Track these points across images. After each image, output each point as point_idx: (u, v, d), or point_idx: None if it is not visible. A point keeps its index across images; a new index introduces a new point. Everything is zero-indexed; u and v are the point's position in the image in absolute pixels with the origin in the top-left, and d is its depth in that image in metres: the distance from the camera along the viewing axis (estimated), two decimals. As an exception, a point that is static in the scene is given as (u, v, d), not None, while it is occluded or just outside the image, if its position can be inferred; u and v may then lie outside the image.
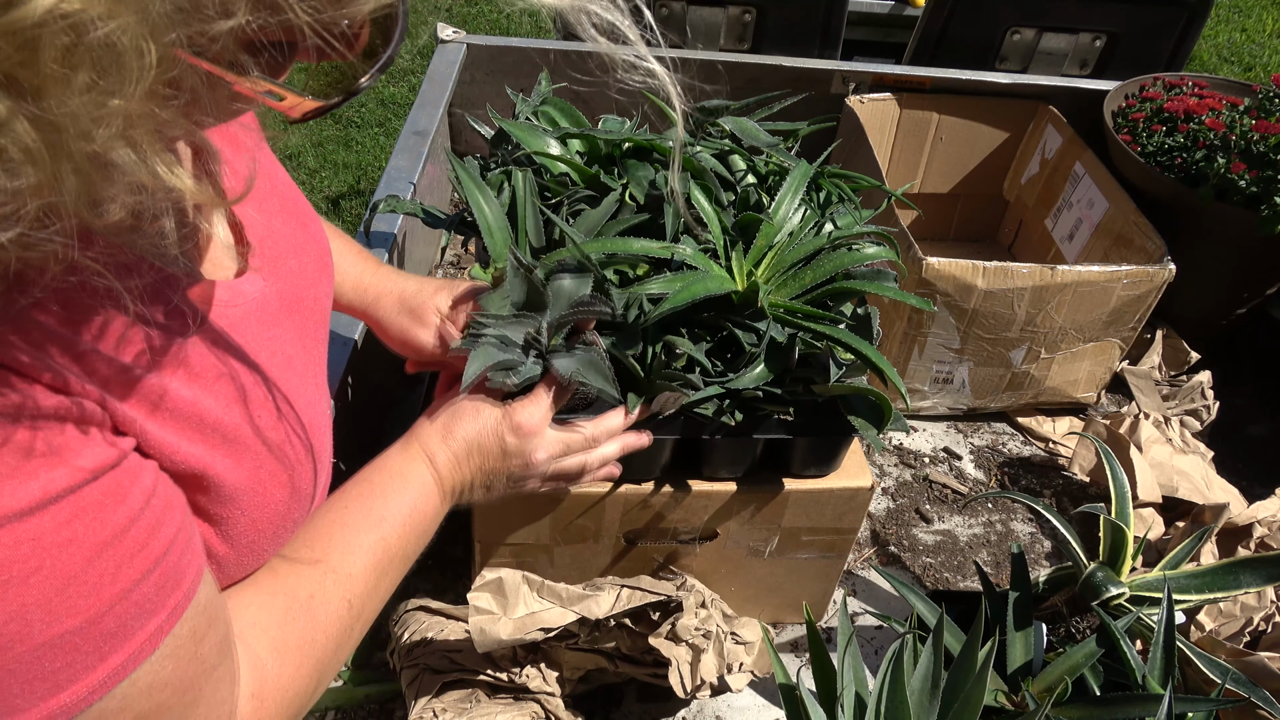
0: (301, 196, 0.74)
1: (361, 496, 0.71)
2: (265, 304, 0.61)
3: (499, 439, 0.75)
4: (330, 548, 0.66)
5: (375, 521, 0.69)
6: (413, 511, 0.71)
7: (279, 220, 0.67)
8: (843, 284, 0.91)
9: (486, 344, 0.75)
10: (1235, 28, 4.23)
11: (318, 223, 0.75)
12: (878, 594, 1.17)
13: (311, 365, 0.67)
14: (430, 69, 1.50)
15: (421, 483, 0.73)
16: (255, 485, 0.57)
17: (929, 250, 1.21)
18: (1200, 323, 1.50)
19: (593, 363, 0.78)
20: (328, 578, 0.65)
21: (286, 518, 0.61)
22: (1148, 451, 1.28)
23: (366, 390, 1.16)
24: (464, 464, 0.75)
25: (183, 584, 0.49)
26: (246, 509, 0.57)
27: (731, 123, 1.08)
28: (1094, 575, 0.93)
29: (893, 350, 1.31)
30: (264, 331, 0.60)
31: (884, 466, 1.35)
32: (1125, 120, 1.47)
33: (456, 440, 0.74)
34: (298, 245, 0.68)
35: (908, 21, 2.25)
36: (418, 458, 0.74)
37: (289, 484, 0.60)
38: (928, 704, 0.79)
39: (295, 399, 0.62)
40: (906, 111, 1.60)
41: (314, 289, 0.70)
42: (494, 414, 0.75)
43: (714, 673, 0.91)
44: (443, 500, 0.74)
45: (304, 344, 0.66)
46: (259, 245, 0.63)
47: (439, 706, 0.91)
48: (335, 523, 0.68)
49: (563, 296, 0.80)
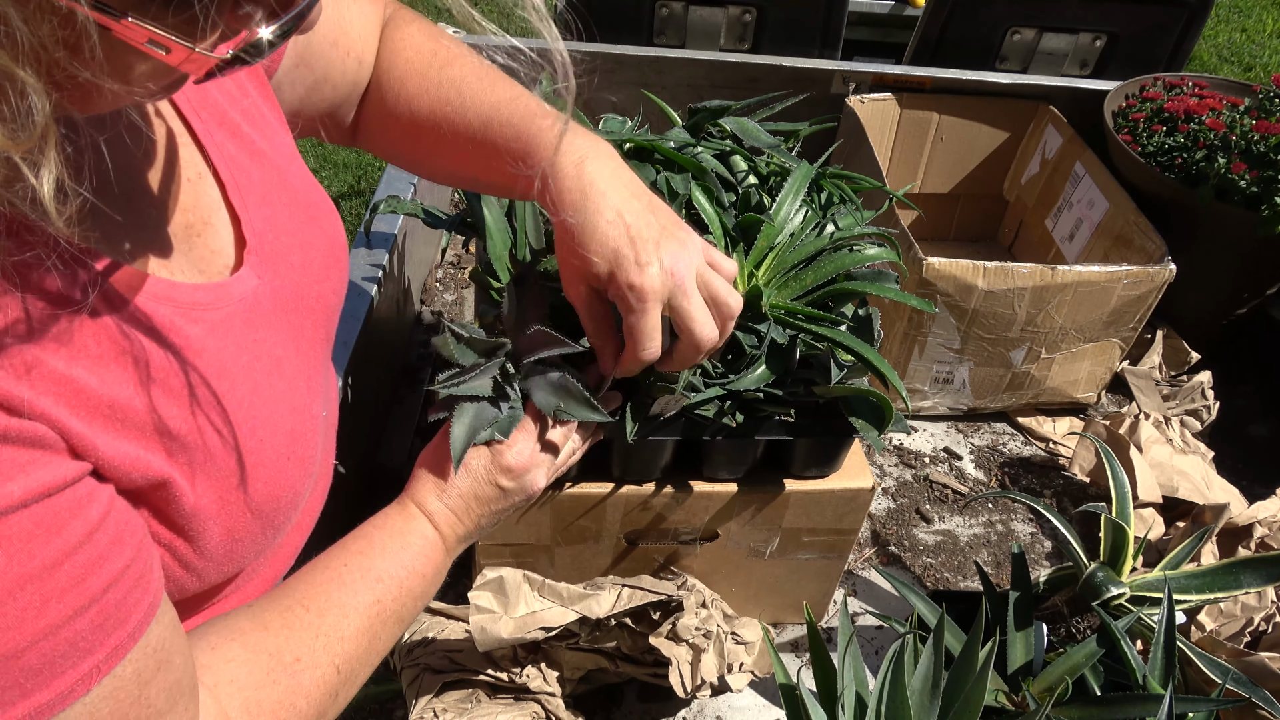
0: (318, 191, 0.72)
1: (361, 553, 0.68)
2: (256, 304, 0.60)
3: (495, 485, 0.73)
4: (326, 607, 0.64)
5: (372, 581, 0.67)
6: (411, 572, 0.69)
7: (285, 214, 0.66)
8: (844, 285, 0.91)
9: (460, 413, 0.72)
10: (1235, 28, 4.23)
11: (331, 218, 0.74)
12: (878, 594, 1.17)
13: (305, 366, 0.66)
14: (430, 69, 1.50)
15: (423, 541, 0.71)
16: (223, 495, 0.55)
17: (929, 250, 1.21)
18: (1200, 323, 1.50)
19: (566, 389, 0.75)
20: (318, 640, 0.62)
21: (268, 525, 0.60)
22: (1148, 451, 1.28)
23: (366, 390, 1.16)
24: (465, 517, 0.73)
25: (128, 623, 0.47)
26: (218, 519, 0.55)
27: (732, 123, 1.08)
28: (1094, 575, 0.93)
29: (893, 350, 1.31)
30: (250, 334, 0.59)
31: (884, 467, 1.35)
32: (1125, 120, 1.47)
33: (453, 497, 0.72)
34: (304, 241, 0.67)
35: (908, 21, 2.25)
36: (416, 516, 0.71)
37: (264, 493, 0.59)
38: (928, 704, 0.79)
39: (278, 405, 0.60)
40: (907, 111, 1.60)
41: (318, 285, 0.69)
42: (484, 463, 0.73)
43: (714, 672, 0.92)
44: (447, 554, 0.73)
45: (298, 344, 0.65)
46: (258, 241, 0.62)
47: (439, 706, 0.91)
48: (332, 580, 0.66)
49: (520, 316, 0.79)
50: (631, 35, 1.86)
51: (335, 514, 1.06)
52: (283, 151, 0.68)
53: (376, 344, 1.17)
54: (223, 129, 0.62)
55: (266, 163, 0.65)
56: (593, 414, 0.75)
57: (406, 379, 1.38)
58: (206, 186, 0.60)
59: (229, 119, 0.63)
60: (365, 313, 1.10)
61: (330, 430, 0.79)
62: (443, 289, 1.56)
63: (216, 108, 0.62)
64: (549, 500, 0.92)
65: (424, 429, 1.31)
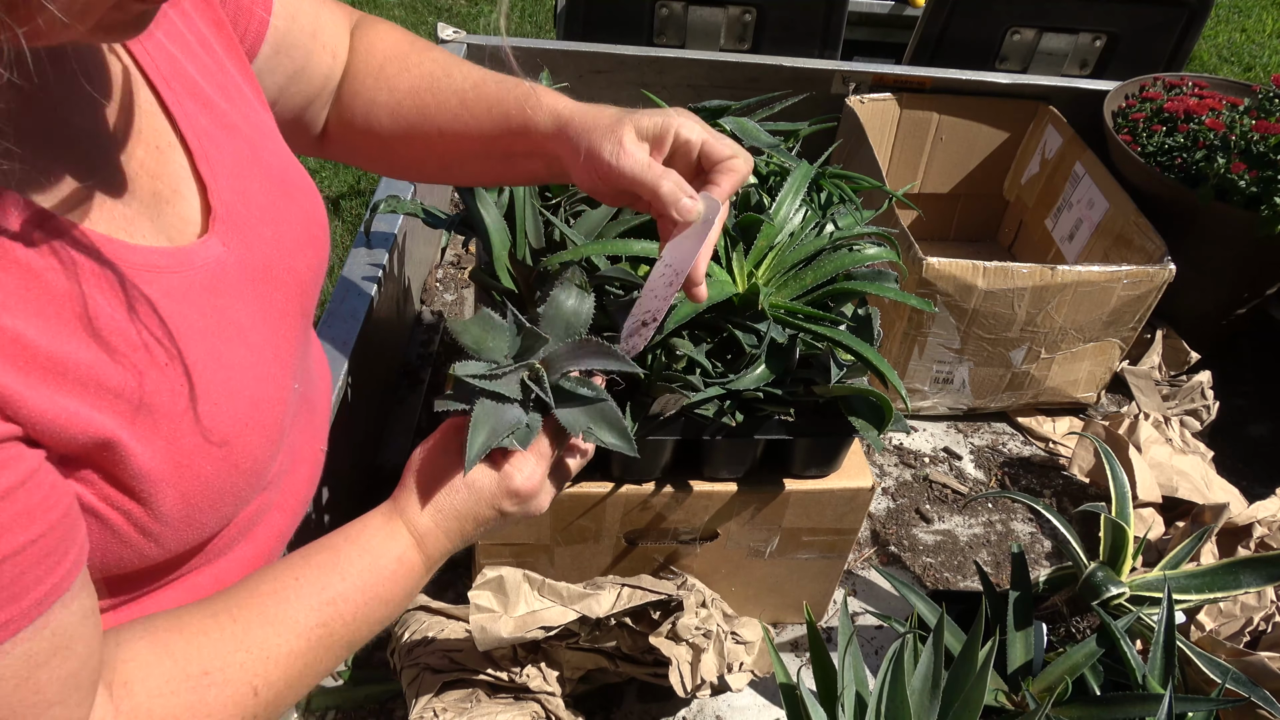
0: (296, 168, 0.71)
1: (320, 568, 0.62)
2: (221, 271, 0.59)
3: (496, 508, 0.67)
4: (258, 621, 0.59)
5: (323, 603, 0.61)
6: (372, 598, 0.63)
7: (258, 187, 0.65)
8: (843, 285, 0.91)
9: (483, 410, 0.65)
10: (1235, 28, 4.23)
11: (309, 196, 0.71)
12: (878, 594, 1.17)
13: (275, 338, 0.64)
14: (431, 69, 1.50)
15: (397, 566, 0.65)
16: (178, 458, 0.54)
17: (929, 250, 1.21)
18: (1200, 323, 1.50)
19: (603, 414, 0.68)
20: (237, 655, 0.57)
21: (225, 492, 0.58)
22: (1147, 451, 1.28)
23: (366, 390, 1.16)
24: (454, 537, 0.67)
25: (23, 599, 0.45)
26: (172, 482, 0.54)
27: (732, 123, 1.08)
28: (1094, 575, 0.93)
29: (893, 350, 1.31)
30: (212, 299, 0.58)
31: (884, 466, 1.35)
32: (1125, 120, 1.47)
33: (447, 515, 0.66)
34: (277, 215, 0.66)
35: (908, 21, 2.24)
36: (399, 534, 0.66)
37: (222, 459, 0.57)
38: (928, 704, 0.79)
39: (241, 372, 0.59)
40: (906, 111, 1.60)
41: (290, 260, 0.67)
42: (490, 482, 0.67)
43: (714, 672, 0.92)
44: (426, 574, 0.68)
45: (266, 316, 0.64)
46: (226, 210, 0.61)
47: (439, 706, 0.91)
48: (276, 593, 0.60)
49: (561, 318, 0.71)
50: (631, 35, 1.86)
51: (335, 514, 1.06)
52: (259, 128, 0.67)
53: (376, 344, 1.17)
54: (194, 100, 0.61)
55: (240, 137, 0.64)
56: (626, 446, 0.68)
57: (406, 379, 1.38)
58: (175, 155, 0.59)
59: (201, 92, 0.62)
60: (365, 313, 1.10)
61: (316, 412, 0.78)
62: (443, 289, 1.56)
63: (188, 80, 0.61)
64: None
65: (424, 429, 1.31)
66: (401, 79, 0.79)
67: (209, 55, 0.64)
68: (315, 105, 0.81)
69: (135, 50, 0.57)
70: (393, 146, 0.81)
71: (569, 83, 1.52)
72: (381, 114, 0.79)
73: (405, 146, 0.81)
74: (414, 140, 0.80)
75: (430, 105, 0.78)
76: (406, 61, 0.80)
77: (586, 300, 0.72)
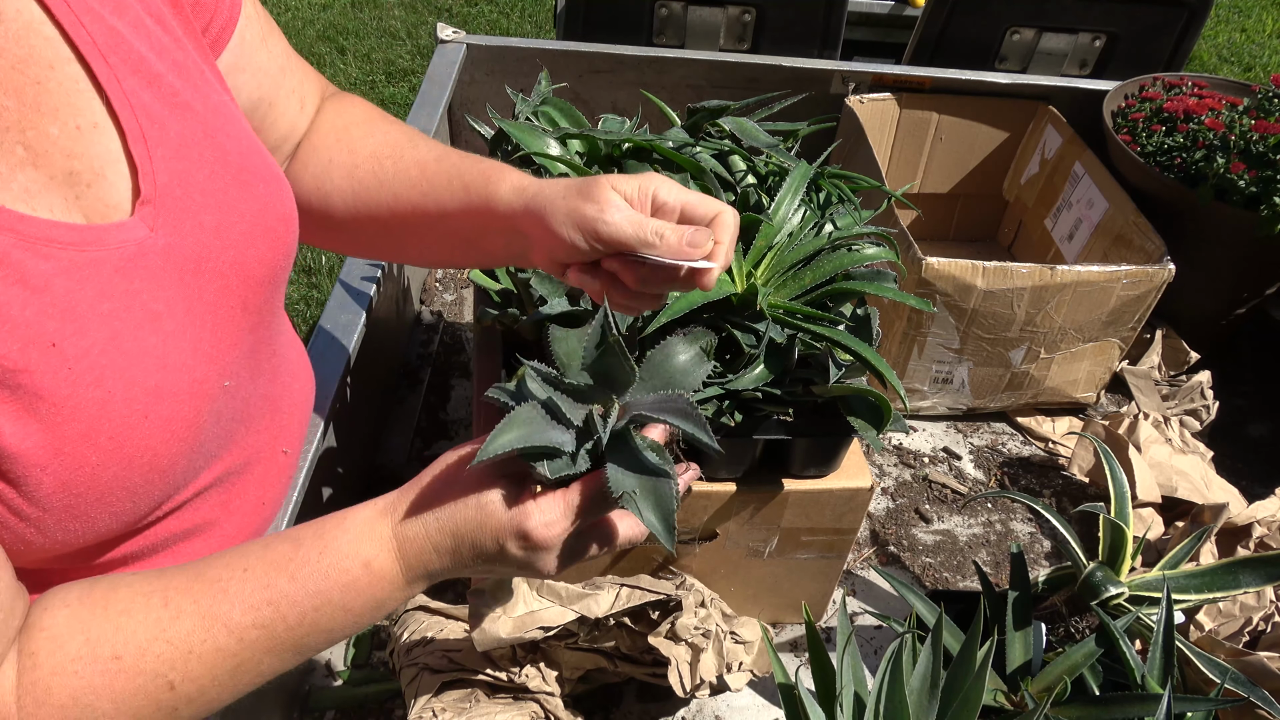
0: (260, 156, 0.67)
1: (273, 562, 0.58)
2: (140, 255, 0.56)
3: (499, 542, 0.60)
4: (189, 611, 0.55)
5: (265, 600, 0.56)
6: (323, 603, 0.58)
7: (205, 173, 0.61)
8: (842, 285, 0.91)
9: (528, 413, 0.57)
10: (1235, 28, 4.22)
11: (272, 185, 0.68)
12: (877, 594, 1.17)
13: (197, 330, 0.61)
14: (430, 69, 1.50)
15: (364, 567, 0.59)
16: (56, 443, 0.51)
17: (929, 250, 1.21)
18: (1200, 323, 1.50)
19: (656, 490, 0.58)
20: (157, 644, 0.54)
21: (115, 484, 0.55)
22: (1147, 451, 1.28)
23: (366, 390, 1.16)
24: (444, 553, 0.60)
25: None
26: (49, 468, 0.51)
27: (731, 123, 1.08)
28: (1093, 575, 0.93)
29: (892, 350, 1.31)
30: (122, 282, 0.55)
31: (883, 466, 1.35)
32: (1125, 120, 1.47)
33: (442, 527, 0.60)
34: (224, 203, 0.62)
35: (908, 21, 2.25)
36: (378, 536, 0.60)
37: (112, 450, 0.54)
38: (927, 704, 0.79)
39: (142, 360, 0.56)
40: (906, 111, 1.60)
41: (235, 252, 0.63)
42: (502, 512, 0.59)
43: (713, 672, 0.92)
44: (404, 588, 0.61)
45: (191, 306, 0.60)
46: (158, 194, 0.58)
47: (438, 706, 0.91)
48: (220, 580, 0.56)
49: (665, 372, 0.63)
50: (631, 35, 1.86)
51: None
52: (218, 110, 0.64)
53: (375, 344, 1.17)
54: (137, 76, 0.58)
55: (192, 116, 0.61)
56: (665, 537, 0.58)
57: (406, 379, 1.38)
58: (101, 136, 0.56)
59: (148, 67, 0.59)
60: (365, 313, 1.10)
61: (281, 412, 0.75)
62: (442, 289, 1.56)
63: (133, 55, 0.58)
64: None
65: (423, 429, 1.31)
66: (365, 142, 0.76)
67: (165, 32, 0.62)
68: (274, 158, 0.76)
69: (66, 23, 0.54)
70: (345, 216, 0.76)
71: (568, 83, 1.53)
72: (337, 175, 0.76)
73: (356, 218, 0.76)
74: (367, 209, 0.75)
75: (389, 171, 0.74)
76: (372, 127, 0.77)
77: (703, 365, 0.64)
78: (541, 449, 0.57)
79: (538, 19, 3.89)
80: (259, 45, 0.72)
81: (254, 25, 0.72)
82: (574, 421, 0.58)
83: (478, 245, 0.75)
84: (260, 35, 0.72)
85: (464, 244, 0.75)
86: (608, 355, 0.59)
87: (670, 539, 0.58)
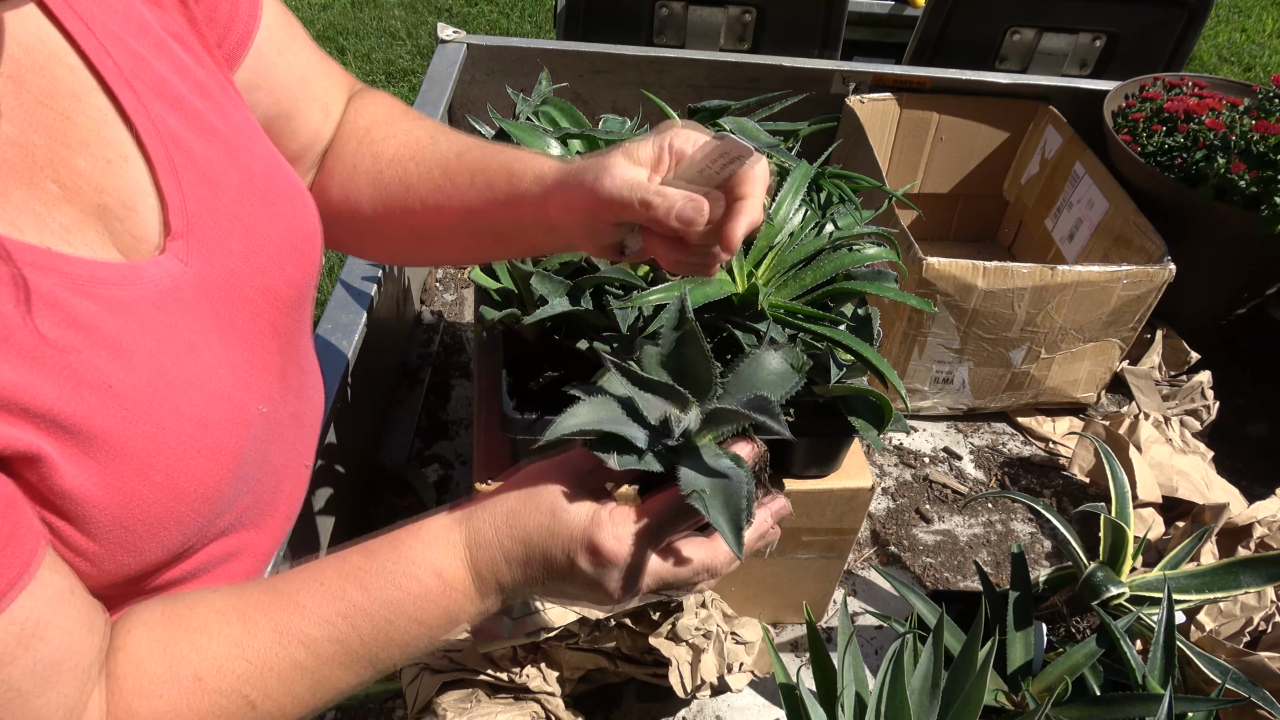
0: (283, 173, 0.67)
1: (347, 574, 0.58)
2: (174, 289, 0.56)
3: (569, 555, 0.57)
4: (269, 625, 0.55)
5: (340, 614, 0.56)
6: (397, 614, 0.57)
7: (233, 196, 0.60)
8: (843, 285, 0.91)
9: (603, 400, 0.55)
10: (1235, 28, 4.22)
11: (298, 203, 0.67)
12: (878, 594, 1.17)
13: (232, 357, 0.60)
14: (430, 69, 1.50)
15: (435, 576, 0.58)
16: (112, 481, 0.51)
17: (929, 250, 1.21)
18: (1200, 323, 1.50)
19: (726, 492, 0.55)
20: (236, 663, 0.54)
21: (166, 516, 0.55)
22: (1147, 451, 1.28)
23: (367, 390, 1.16)
24: (515, 562, 0.58)
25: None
26: (105, 506, 0.51)
27: (732, 123, 1.08)
28: (1094, 575, 0.93)
29: (893, 350, 1.31)
30: (161, 317, 0.55)
31: (884, 466, 1.35)
32: (1125, 120, 1.47)
33: (514, 533, 0.58)
34: (252, 227, 0.62)
35: (908, 21, 2.24)
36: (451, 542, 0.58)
37: (164, 484, 0.54)
38: (928, 704, 0.79)
39: (188, 392, 0.56)
40: (906, 111, 1.60)
41: (264, 276, 0.63)
42: (577, 521, 0.57)
43: (714, 672, 0.92)
44: (479, 596, 0.59)
45: (224, 333, 0.60)
46: (187, 226, 0.57)
47: (439, 706, 0.91)
48: (296, 595, 0.56)
49: (751, 381, 0.61)
50: (631, 35, 1.86)
51: (335, 514, 1.06)
52: (241, 129, 0.63)
53: (376, 344, 1.17)
54: (162, 100, 0.57)
55: (218, 138, 0.60)
56: (731, 535, 0.54)
57: (406, 379, 1.38)
58: (130, 169, 0.55)
59: (173, 90, 0.58)
60: (365, 313, 1.10)
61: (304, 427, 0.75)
62: (443, 289, 1.56)
63: (157, 79, 0.57)
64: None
65: (423, 429, 1.31)
66: (387, 144, 0.74)
67: (186, 50, 0.60)
68: (298, 168, 0.75)
69: (90, 51, 0.53)
70: (373, 222, 0.75)
71: (569, 83, 1.53)
72: (363, 182, 0.74)
73: (385, 223, 0.75)
74: (395, 214, 0.74)
75: (413, 175, 0.73)
76: (393, 127, 0.75)
77: (791, 380, 0.61)
78: (611, 436, 0.55)
79: (538, 19, 3.89)
80: (277, 58, 0.69)
81: (273, 37, 0.69)
82: (650, 419, 0.56)
83: (516, 240, 0.73)
84: (279, 47, 0.69)
85: (500, 240, 0.73)
86: (687, 345, 0.57)
87: (737, 542, 0.54)
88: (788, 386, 0.60)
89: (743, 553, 0.54)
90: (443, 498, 1.21)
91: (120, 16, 0.56)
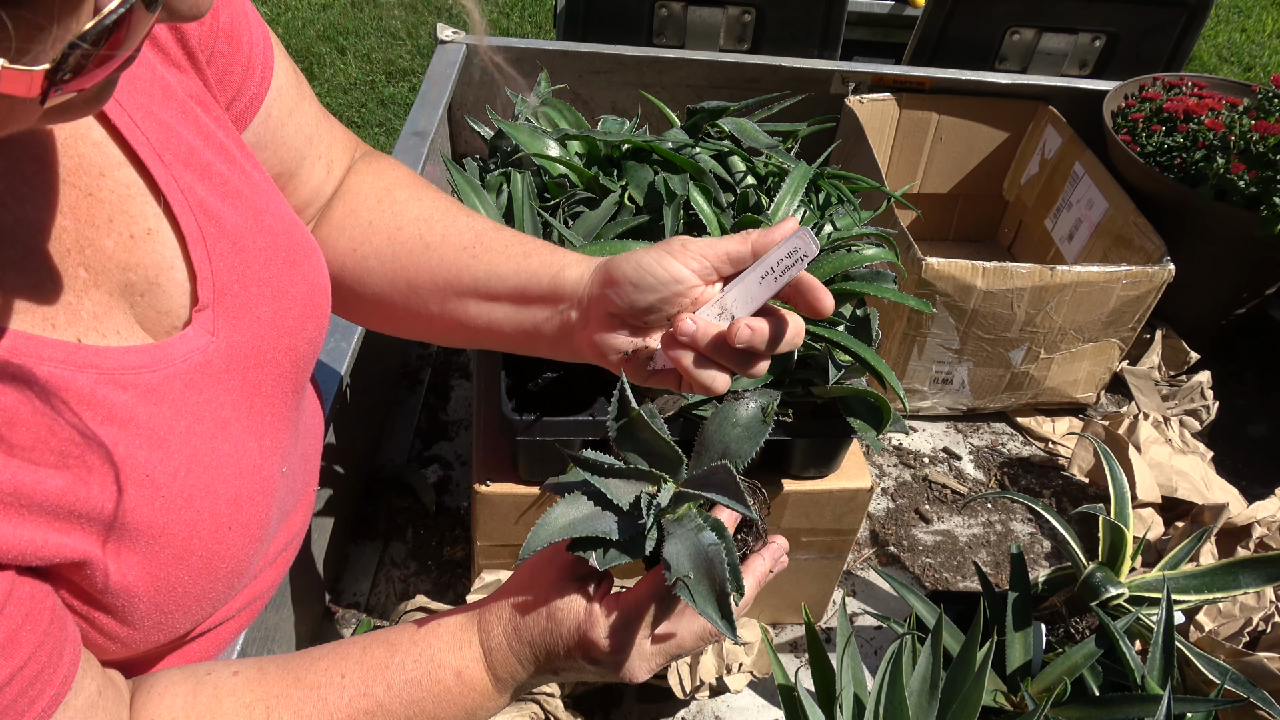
0: (299, 230, 0.66)
1: (371, 667, 0.59)
2: (204, 363, 0.56)
3: (569, 653, 0.60)
4: (293, 717, 0.57)
5: (363, 710, 0.58)
6: (417, 712, 0.59)
7: (260, 261, 0.60)
8: (842, 285, 0.91)
9: (574, 498, 0.56)
10: (1235, 28, 4.22)
11: (314, 259, 0.67)
12: (877, 594, 1.17)
13: (258, 425, 0.60)
14: (430, 69, 1.50)
15: (455, 676, 0.60)
16: (153, 571, 0.52)
17: (929, 250, 1.21)
18: (1200, 323, 1.50)
19: (711, 575, 0.54)
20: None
21: (201, 595, 0.56)
22: (1147, 452, 1.28)
23: (367, 390, 1.16)
24: (526, 661, 0.61)
25: (39, 702, 0.45)
26: (145, 595, 0.52)
27: (731, 123, 1.08)
28: (1093, 575, 0.93)
29: (892, 351, 1.31)
30: (192, 395, 0.54)
31: (883, 467, 1.35)
32: (1125, 120, 1.47)
33: (521, 637, 0.60)
34: (278, 290, 0.61)
35: (908, 21, 2.25)
36: (468, 645, 0.60)
37: (201, 566, 0.55)
38: (926, 704, 0.79)
39: (221, 470, 0.56)
40: (906, 112, 1.60)
41: (289, 338, 0.63)
42: (571, 620, 0.59)
43: (713, 673, 0.92)
44: (498, 693, 0.61)
45: (252, 402, 0.60)
46: (217, 296, 0.57)
47: (439, 707, 0.91)
48: (319, 688, 0.58)
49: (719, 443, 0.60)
50: (631, 35, 1.86)
51: (335, 515, 1.07)
52: (260, 189, 0.63)
53: (376, 345, 1.17)
54: (190, 170, 0.56)
55: (243, 203, 0.60)
56: (720, 620, 0.54)
57: (406, 380, 1.38)
58: (155, 243, 0.54)
59: (200, 158, 0.57)
60: (364, 313, 1.10)
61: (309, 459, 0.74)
62: (442, 289, 1.56)
63: (184, 147, 0.56)
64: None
65: (423, 430, 1.31)
66: (411, 205, 0.73)
67: (206, 112, 0.60)
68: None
69: (120, 124, 0.53)
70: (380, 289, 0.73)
71: (568, 83, 1.53)
72: (378, 238, 0.72)
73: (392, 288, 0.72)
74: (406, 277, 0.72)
75: (437, 234, 0.71)
76: (419, 191, 0.74)
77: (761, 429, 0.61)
78: (587, 536, 0.55)
79: (538, 19, 3.89)
80: (286, 120, 0.68)
81: (282, 99, 0.68)
82: (622, 504, 0.56)
83: (530, 332, 0.70)
84: (288, 109, 0.68)
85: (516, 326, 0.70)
86: (636, 430, 0.56)
87: (729, 627, 0.54)
88: (758, 438, 0.61)
89: (735, 630, 0.55)
90: (442, 498, 1.21)
91: (145, 84, 0.55)
